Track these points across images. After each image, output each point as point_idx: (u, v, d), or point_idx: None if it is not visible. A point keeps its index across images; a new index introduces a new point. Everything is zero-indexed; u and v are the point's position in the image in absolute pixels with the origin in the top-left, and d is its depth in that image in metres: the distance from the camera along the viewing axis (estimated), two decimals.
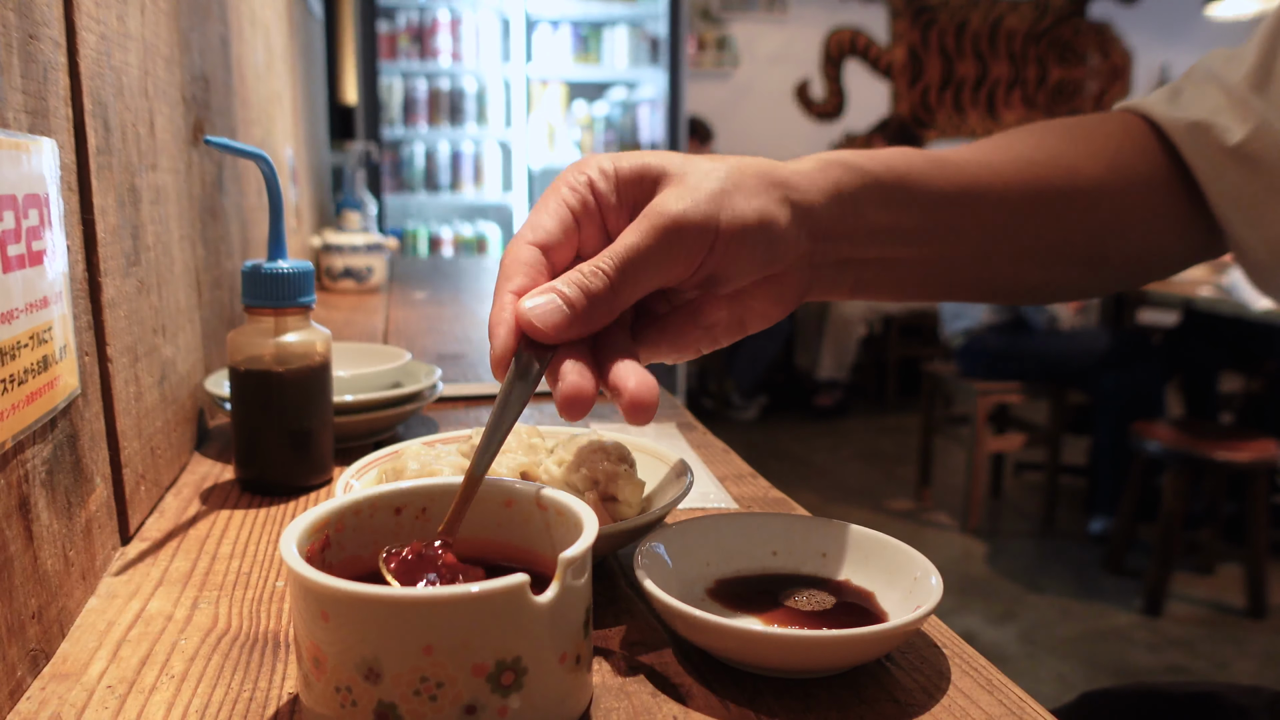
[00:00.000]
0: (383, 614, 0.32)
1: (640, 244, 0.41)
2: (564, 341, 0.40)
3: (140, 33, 0.62)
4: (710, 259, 0.42)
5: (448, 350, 1.16)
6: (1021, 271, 0.55)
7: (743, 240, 0.42)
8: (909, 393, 4.66)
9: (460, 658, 0.32)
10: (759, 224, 0.43)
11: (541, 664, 0.34)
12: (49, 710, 0.38)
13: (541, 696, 0.34)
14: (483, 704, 0.33)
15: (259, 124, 1.19)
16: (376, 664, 0.32)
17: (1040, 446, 3.19)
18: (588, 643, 0.37)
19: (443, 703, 0.32)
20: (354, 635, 0.32)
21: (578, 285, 0.40)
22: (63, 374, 0.44)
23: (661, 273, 0.41)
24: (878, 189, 0.47)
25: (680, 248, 0.41)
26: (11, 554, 0.38)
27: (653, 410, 0.39)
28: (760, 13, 5.04)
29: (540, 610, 0.33)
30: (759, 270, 0.44)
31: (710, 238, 0.42)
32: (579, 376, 0.39)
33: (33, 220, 0.41)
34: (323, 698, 0.33)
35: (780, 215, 0.44)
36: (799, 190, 0.45)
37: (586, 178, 0.44)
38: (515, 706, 0.33)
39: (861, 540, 0.47)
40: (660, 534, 0.47)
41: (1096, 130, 0.57)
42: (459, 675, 0.32)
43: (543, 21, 3.98)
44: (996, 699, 0.39)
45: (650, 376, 0.40)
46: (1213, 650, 2.33)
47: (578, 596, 0.36)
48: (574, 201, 0.43)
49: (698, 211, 0.41)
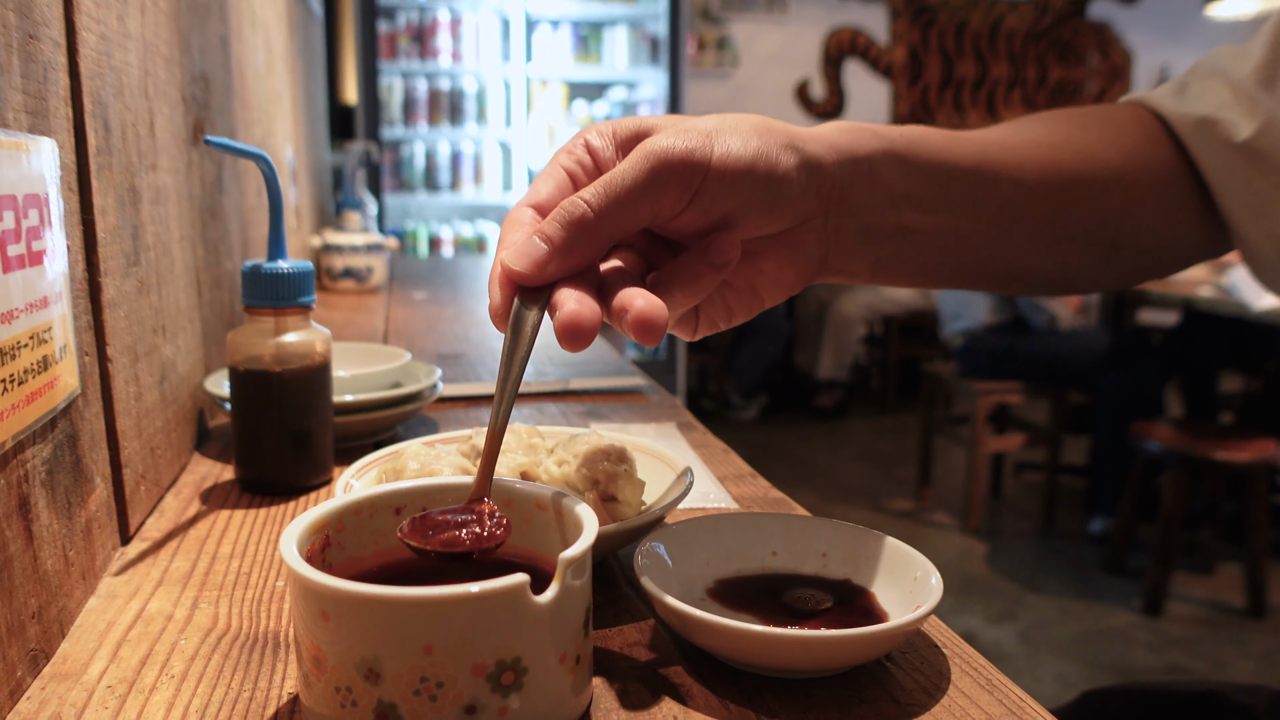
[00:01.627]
0: (383, 614, 0.32)
1: (626, 173, 0.40)
2: (550, 279, 0.40)
3: (140, 33, 0.62)
4: (705, 195, 0.41)
5: (448, 350, 1.16)
6: (1037, 253, 0.55)
7: (739, 178, 0.42)
8: (909, 393, 4.66)
9: (460, 658, 0.32)
10: (754, 161, 0.42)
11: (542, 664, 0.34)
12: (49, 710, 0.38)
13: (542, 696, 0.34)
14: (483, 704, 0.33)
15: (259, 124, 1.19)
16: (376, 664, 0.32)
17: (1040, 446, 3.19)
18: (588, 643, 0.37)
19: (443, 703, 0.32)
20: (354, 635, 0.32)
21: (556, 219, 0.40)
22: (63, 374, 0.44)
23: (649, 202, 0.40)
24: (894, 155, 0.47)
25: (668, 178, 0.40)
26: (11, 554, 0.38)
27: (661, 331, 0.38)
28: (760, 13, 5.04)
29: (540, 610, 0.33)
30: (764, 215, 0.43)
31: (701, 171, 0.41)
32: (576, 304, 0.38)
33: (33, 220, 0.41)
34: (323, 698, 0.33)
35: (782, 159, 0.43)
36: (806, 143, 0.45)
37: (584, 141, 0.44)
38: (515, 706, 0.33)
39: (861, 540, 0.47)
40: (660, 534, 0.47)
41: (1109, 118, 0.58)
42: (459, 675, 0.32)
43: (543, 21, 3.97)
44: (996, 699, 0.39)
45: (659, 300, 0.39)
46: (1212, 650, 2.33)
47: (578, 596, 0.36)
48: (571, 164, 0.43)
49: (684, 145, 0.41)
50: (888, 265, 0.50)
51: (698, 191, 0.41)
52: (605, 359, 1.11)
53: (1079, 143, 0.54)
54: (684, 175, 0.40)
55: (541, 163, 4.02)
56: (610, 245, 0.41)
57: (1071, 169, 0.53)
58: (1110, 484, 2.92)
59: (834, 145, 0.45)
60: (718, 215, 0.42)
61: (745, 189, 0.42)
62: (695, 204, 0.42)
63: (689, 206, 0.42)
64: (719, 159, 0.41)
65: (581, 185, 0.43)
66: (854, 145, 0.46)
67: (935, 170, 0.49)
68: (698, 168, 0.41)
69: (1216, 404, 3.25)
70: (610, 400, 0.91)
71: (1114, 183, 0.54)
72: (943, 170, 0.49)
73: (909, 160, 0.48)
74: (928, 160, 0.48)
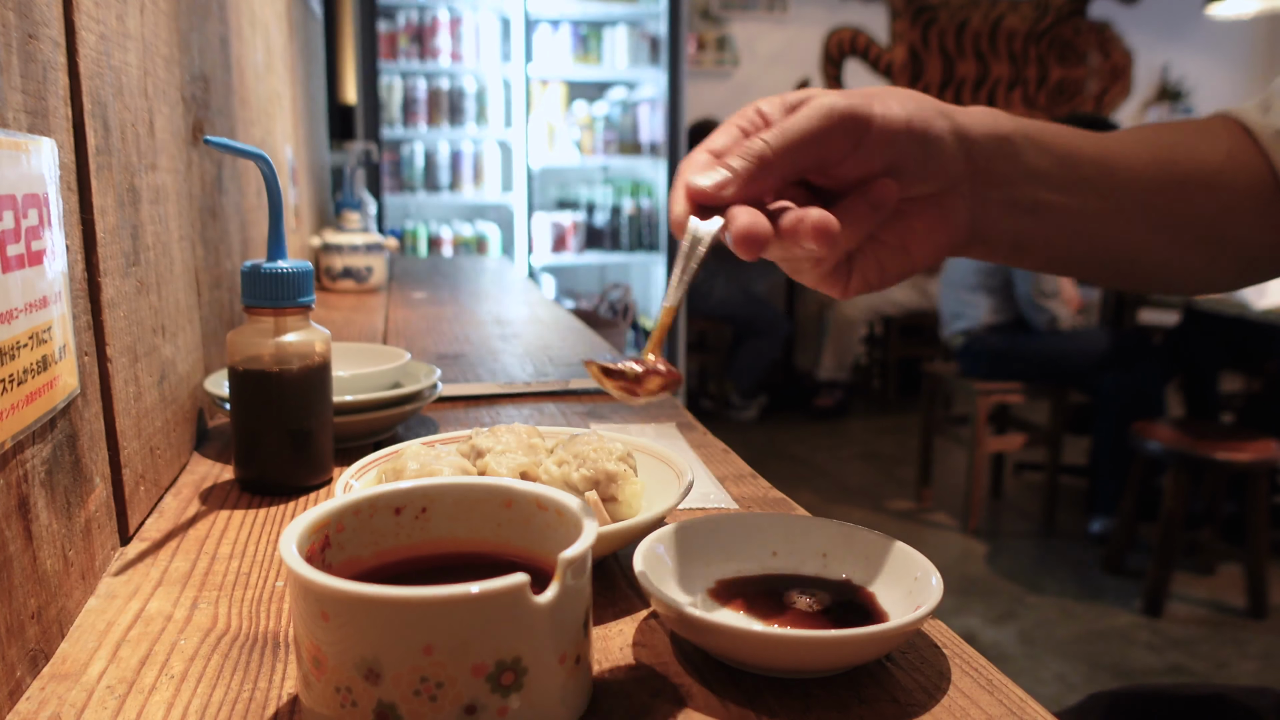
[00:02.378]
0: (383, 614, 0.32)
1: (800, 120, 0.45)
2: (727, 201, 0.44)
3: (140, 32, 0.62)
4: (866, 146, 0.46)
5: (448, 350, 1.16)
6: (1157, 244, 0.57)
7: (897, 134, 0.46)
8: (909, 393, 4.66)
9: (460, 658, 0.32)
10: (910, 120, 0.46)
11: (541, 664, 0.34)
12: (49, 710, 0.38)
13: (541, 696, 0.34)
14: (483, 704, 0.33)
15: (259, 124, 1.19)
16: (376, 664, 0.32)
17: (1040, 446, 3.19)
18: (588, 642, 0.37)
19: (443, 703, 0.32)
20: (354, 635, 0.32)
21: (738, 153, 0.45)
22: (62, 374, 0.44)
23: (818, 146, 0.45)
24: (1029, 136, 0.51)
25: (835, 127, 0.45)
26: (11, 554, 0.38)
27: (835, 236, 0.44)
28: (760, 12, 5.04)
29: (540, 610, 0.33)
30: (918, 171, 0.47)
31: (864, 123, 0.45)
32: (750, 216, 0.43)
33: (32, 220, 0.41)
34: (323, 698, 0.33)
35: (936, 123, 0.47)
36: (957, 115, 0.49)
37: (755, 108, 0.49)
38: (515, 706, 0.33)
39: (861, 540, 0.47)
40: (660, 534, 0.47)
41: (1206, 127, 0.61)
42: (459, 675, 0.32)
43: (543, 21, 3.97)
44: (996, 699, 0.39)
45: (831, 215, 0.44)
46: (1213, 651, 2.33)
47: (578, 596, 0.36)
48: (744, 123, 0.48)
49: (850, 101, 0.45)
50: (1027, 244, 0.54)
51: (860, 142, 0.46)
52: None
53: (1185, 145, 0.58)
54: (850, 125, 0.45)
55: (541, 162, 4.03)
56: (782, 183, 0.46)
57: (1181, 167, 0.56)
58: (1110, 484, 2.92)
59: (979, 120, 0.50)
60: (878, 166, 0.47)
61: (902, 144, 0.46)
62: (857, 153, 0.46)
63: (851, 155, 0.46)
64: (880, 115, 0.46)
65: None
66: (996, 122, 0.50)
67: (1065, 154, 0.52)
68: (861, 120, 0.45)
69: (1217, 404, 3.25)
70: (610, 400, 0.91)
71: (1218, 182, 0.57)
72: (1071, 155, 0.53)
73: (1042, 142, 0.52)
74: (1057, 145, 0.52)
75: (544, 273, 4.14)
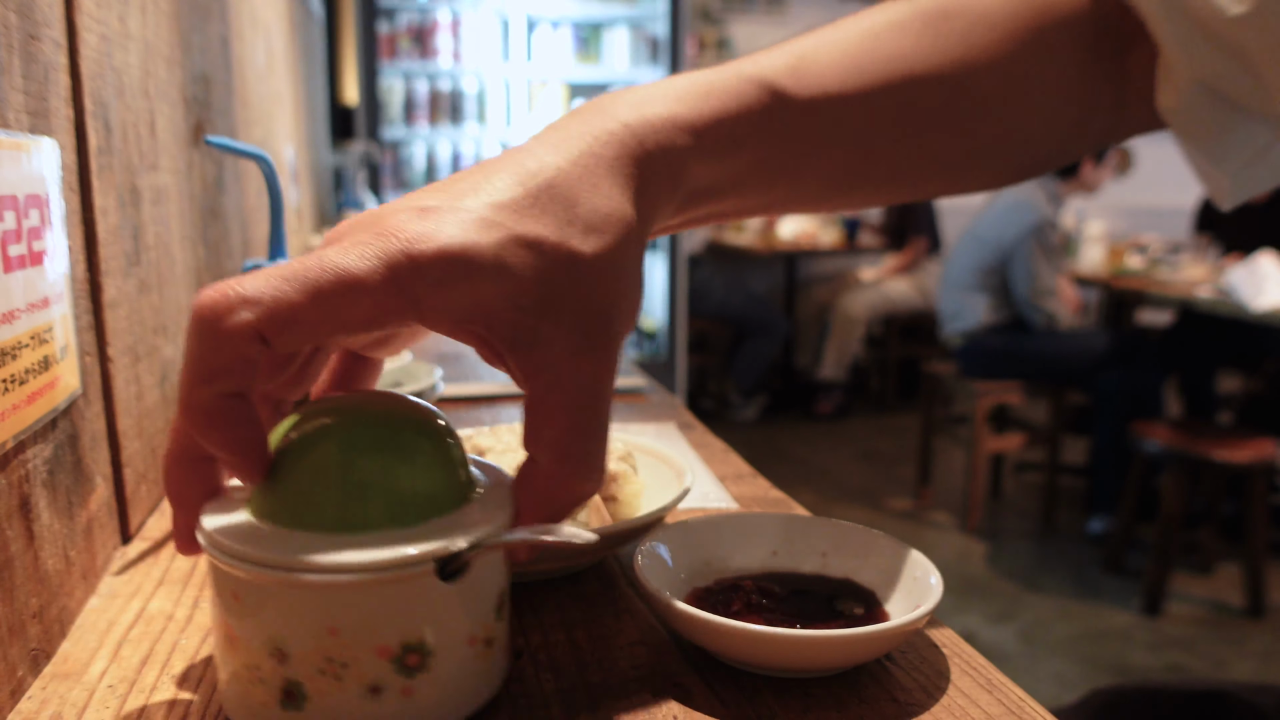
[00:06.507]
0: (287, 596, 0.32)
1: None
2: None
3: (141, 33, 0.62)
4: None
5: (448, 350, 1.16)
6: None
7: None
8: (909, 393, 4.66)
9: (364, 639, 0.32)
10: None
11: (448, 646, 0.34)
12: (50, 710, 0.38)
13: (448, 678, 0.34)
14: (387, 684, 0.33)
15: (259, 124, 1.19)
16: (284, 644, 0.33)
17: (1040, 446, 3.20)
18: (501, 625, 0.37)
19: (347, 682, 0.33)
20: (262, 616, 0.33)
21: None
22: (63, 374, 0.44)
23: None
24: (703, 146, 0.42)
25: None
26: (12, 554, 0.38)
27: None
28: (760, 13, 5.05)
29: (447, 593, 0.33)
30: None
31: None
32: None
33: (34, 220, 0.41)
34: (236, 675, 0.34)
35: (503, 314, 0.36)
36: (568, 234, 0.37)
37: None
38: (420, 687, 0.34)
39: (861, 540, 0.47)
40: (660, 534, 0.47)
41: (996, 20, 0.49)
42: (363, 656, 0.33)
43: (543, 21, 3.97)
44: (996, 698, 0.39)
45: None
46: (1212, 650, 2.33)
47: (488, 579, 0.36)
48: None
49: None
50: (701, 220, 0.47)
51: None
52: None
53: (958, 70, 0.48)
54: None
55: None
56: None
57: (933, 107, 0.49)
58: (1109, 484, 2.92)
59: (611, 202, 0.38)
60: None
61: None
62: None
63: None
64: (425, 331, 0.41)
65: None
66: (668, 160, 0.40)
67: (762, 141, 0.45)
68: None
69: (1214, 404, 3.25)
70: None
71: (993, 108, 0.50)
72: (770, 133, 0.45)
73: (721, 146, 0.43)
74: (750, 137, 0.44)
75: None
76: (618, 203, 0.37)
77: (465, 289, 0.33)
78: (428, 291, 0.33)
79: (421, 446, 0.36)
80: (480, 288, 0.33)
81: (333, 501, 0.34)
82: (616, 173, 0.38)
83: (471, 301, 0.34)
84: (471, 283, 0.33)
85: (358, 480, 0.34)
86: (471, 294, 0.33)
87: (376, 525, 0.34)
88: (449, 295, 0.33)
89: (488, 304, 0.34)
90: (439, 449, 0.37)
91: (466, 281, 0.33)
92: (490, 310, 0.34)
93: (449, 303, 0.33)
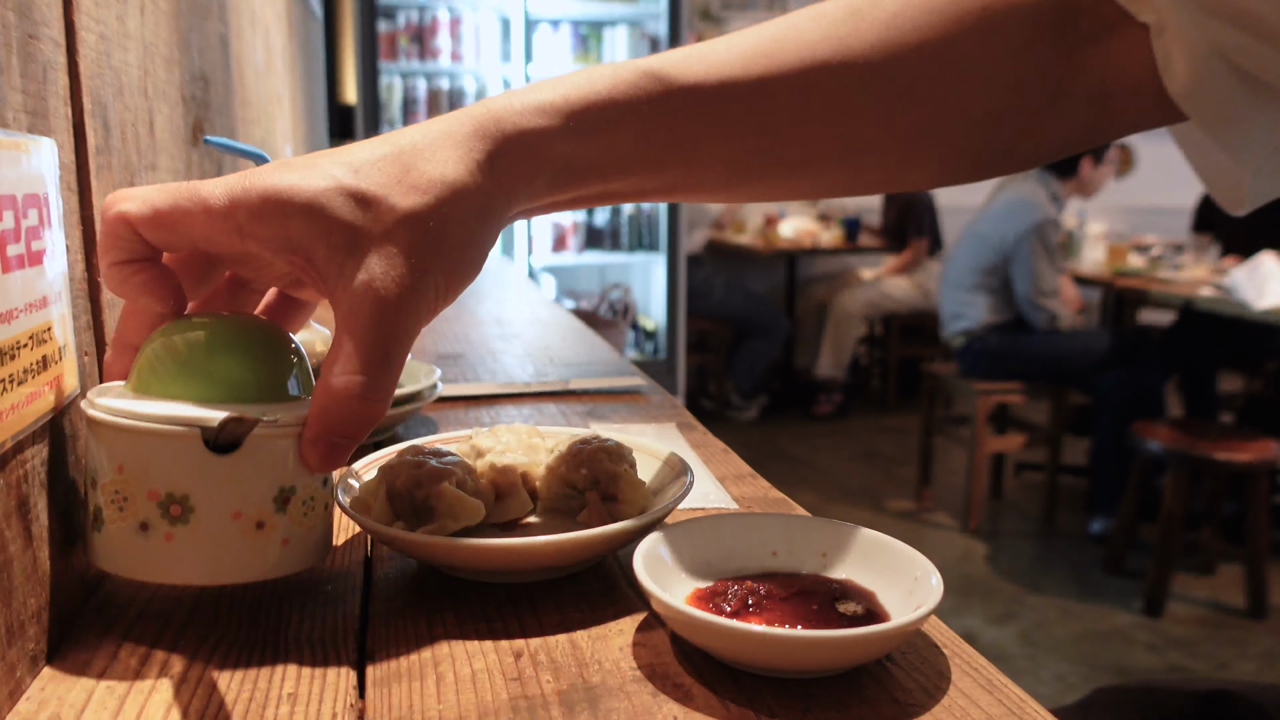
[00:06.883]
0: (99, 434, 0.41)
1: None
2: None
3: (140, 32, 0.62)
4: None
5: (448, 350, 1.16)
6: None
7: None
8: (909, 393, 4.66)
9: (139, 481, 0.40)
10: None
11: (210, 511, 0.41)
12: (49, 710, 0.38)
13: (208, 538, 0.41)
14: (153, 525, 0.41)
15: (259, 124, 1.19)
16: (95, 474, 0.41)
17: (1040, 447, 3.19)
18: (284, 519, 0.42)
19: (127, 514, 0.41)
20: (90, 450, 0.42)
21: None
22: (62, 374, 0.44)
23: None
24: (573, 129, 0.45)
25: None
26: (11, 554, 0.38)
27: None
28: (760, 12, 5.04)
29: (213, 461, 0.40)
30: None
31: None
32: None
33: (32, 220, 0.41)
34: (76, 492, 0.45)
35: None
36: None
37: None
38: (180, 535, 0.41)
39: (861, 540, 0.47)
40: (660, 534, 0.47)
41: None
42: (137, 495, 0.40)
43: (543, 21, 3.97)
44: (996, 699, 0.39)
45: None
46: (1213, 651, 2.33)
47: (264, 465, 0.41)
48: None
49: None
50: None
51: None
52: (605, 359, 1.11)
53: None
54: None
55: None
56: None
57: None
58: (1111, 484, 2.92)
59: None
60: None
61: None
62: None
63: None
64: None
65: None
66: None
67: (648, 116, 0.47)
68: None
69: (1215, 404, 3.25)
70: (610, 400, 0.91)
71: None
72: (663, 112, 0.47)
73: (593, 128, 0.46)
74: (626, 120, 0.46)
75: (544, 273, 4.14)
76: (450, 170, 0.42)
77: (278, 224, 0.40)
78: (248, 221, 0.40)
79: (252, 350, 0.44)
80: (293, 224, 0.40)
81: (164, 375, 0.42)
82: (461, 146, 0.43)
83: (284, 234, 0.41)
84: (284, 219, 0.40)
85: (186, 360, 0.42)
86: (284, 228, 0.41)
87: (193, 399, 0.41)
88: (264, 227, 0.41)
89: (300, 239, 0.41)
90: (267, 356, 0.44)
91: (279, 218, 0.40)
92: (304, 244, 0.41)
93: (265, 233, 0.41)
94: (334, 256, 0.41)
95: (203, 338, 0.43)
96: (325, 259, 0.41)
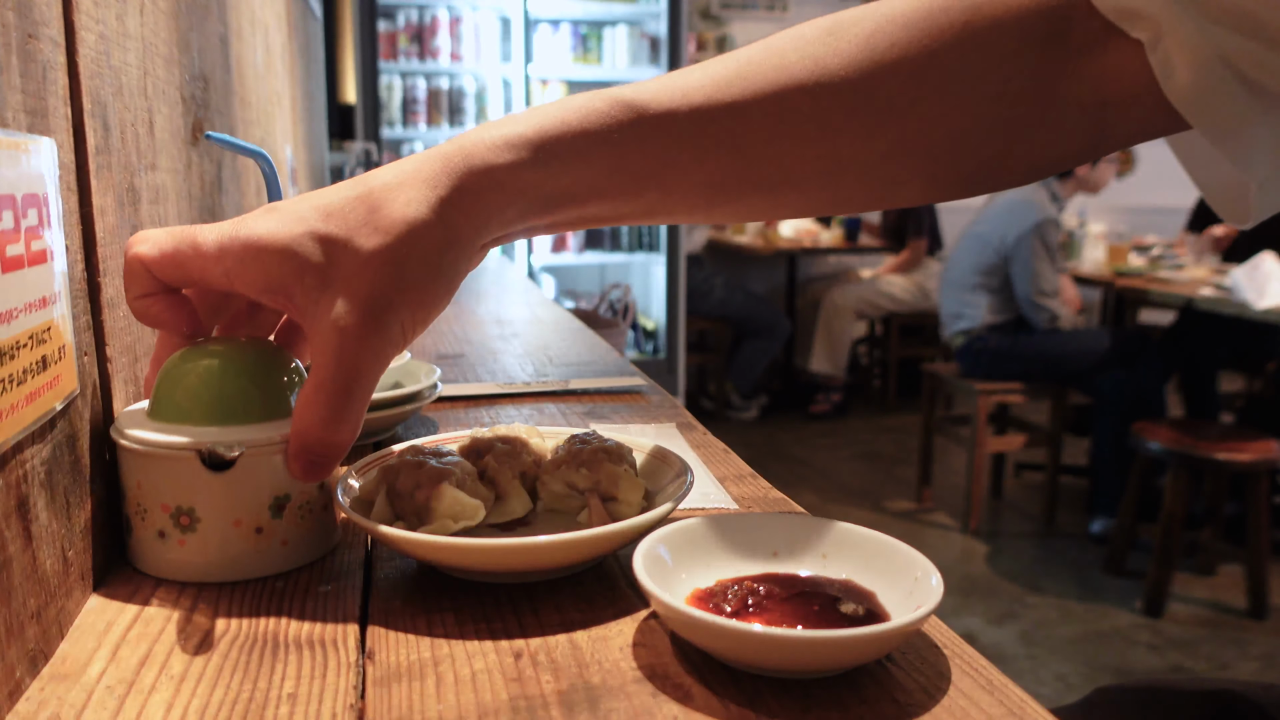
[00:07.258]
0: (123, 457, 0.48)
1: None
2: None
3: (140, 32, 0.62)
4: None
5: (448, 350, 1.16)
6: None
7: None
8: (909, 393, 4.66)
9: (154, 495, 0.47)
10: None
11: (215, 520, 0.47)
12: (48, 711, 0.38)
13: (215, 545, 0.47)
14: (168, 532, 0.47)
15: (258, 124, 1.19)
16: (125, 488, 0.49)
17: (1041, 447, 3.19)
18: (281, 523, 0.48)
19: (147, 523, 0.48)
20: (121, 468, 0.49)
21: None
22: (62, 374, 0.44)
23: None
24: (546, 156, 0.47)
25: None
26: (10, 554, 0.38)
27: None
28: (760, 12, 5.05)
29: (211, 479, 0.47)
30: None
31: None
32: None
33: (32, 220, 0.41)
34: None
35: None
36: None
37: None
38: (191, 542, 0.47)
39: (862, 540, 0.47)
40: (660, 534, 0.47)
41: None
42: (153, 507, 0.48)
43: (543, 21, 3.97)
44: (997, 699, 0.39)
45: None
46: (1214, 651, 2.33)
47: (259, 479, 0.47)
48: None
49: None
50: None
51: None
52: (605, 359, 1.11)
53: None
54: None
55: None
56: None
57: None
58: (1111, 484, 2.92)
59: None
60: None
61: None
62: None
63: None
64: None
65: None
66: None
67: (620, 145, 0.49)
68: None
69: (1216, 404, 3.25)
70: (610, 400, 0.91)
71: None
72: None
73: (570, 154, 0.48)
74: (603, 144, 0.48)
75: (544, 272, 4.14)
76: (413, 209, 0.44)
77: (259, 268, 0.44)
78: (234, 265, 0.45)
79: (252, 372, 0.49)
80: (271, 267, 0.44)
81: (175, 398, 0.48)
82: (428, 184, 0.45)
83: (266, 277, 0.44)
84: (262, 263, 0.44)
85: (192, 384, 0.48)
86: (264, 272, 0.44)
87: (201, 418, 0.47)
88: (248, 270, 0.45)
89: (280, 280, 0.44)
90: (267, 376, 0.49)
91: (258, 262, 0.44)
92: (283, 285, 0.44)
93: (248, 276, 0.45)
94: (309, 295, 0.44)
95: (206, 364, 0.48)
96: (301, 298, 0.44)
